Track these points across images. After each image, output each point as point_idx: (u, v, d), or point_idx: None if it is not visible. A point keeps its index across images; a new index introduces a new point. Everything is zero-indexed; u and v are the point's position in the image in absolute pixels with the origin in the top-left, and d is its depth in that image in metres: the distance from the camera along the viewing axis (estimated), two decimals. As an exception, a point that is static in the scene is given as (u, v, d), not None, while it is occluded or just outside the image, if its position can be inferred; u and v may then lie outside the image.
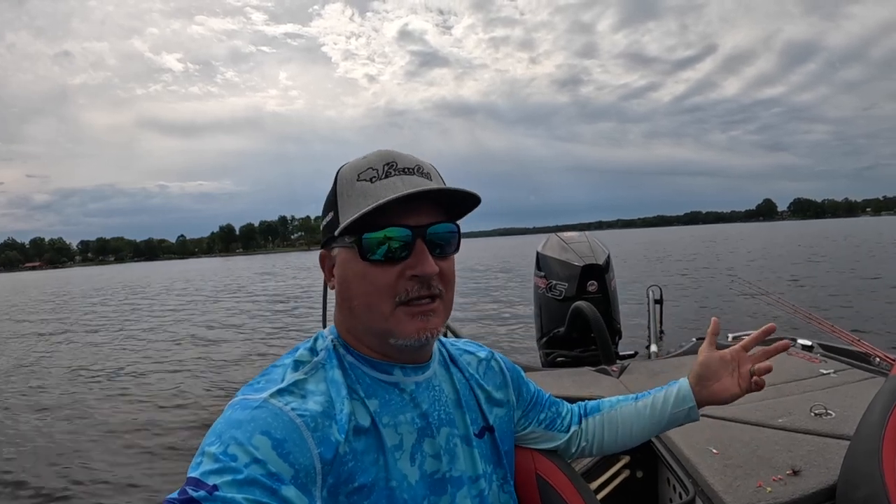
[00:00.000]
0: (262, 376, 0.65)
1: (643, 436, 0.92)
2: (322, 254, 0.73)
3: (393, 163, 0.67)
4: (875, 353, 2.17)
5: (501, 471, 0.79)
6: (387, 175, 0.66)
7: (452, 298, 0.71)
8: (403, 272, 0.65)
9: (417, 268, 0.64)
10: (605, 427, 0.93)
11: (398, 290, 0.65)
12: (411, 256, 0.65)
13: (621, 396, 0.96)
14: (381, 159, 0.67)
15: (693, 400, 0.89)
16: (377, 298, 0.65)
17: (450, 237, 0.69)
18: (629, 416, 0.92)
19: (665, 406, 0.90)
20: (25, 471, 4.09)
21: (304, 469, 0.56)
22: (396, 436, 0.66)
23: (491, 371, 0.86)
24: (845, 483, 1.10)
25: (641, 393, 0.95)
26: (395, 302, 0.65)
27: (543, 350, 3.36)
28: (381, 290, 0.65)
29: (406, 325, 0.65)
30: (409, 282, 0.65)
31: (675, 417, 0.90)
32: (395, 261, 0.65)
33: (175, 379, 6.93)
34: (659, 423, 0.91)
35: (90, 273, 79.90)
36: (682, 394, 0.89)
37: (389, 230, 0.64)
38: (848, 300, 9.70)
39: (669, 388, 0.91)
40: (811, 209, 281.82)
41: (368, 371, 0.68)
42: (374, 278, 0.65)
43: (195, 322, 12.98)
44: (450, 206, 0.70)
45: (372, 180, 0.66)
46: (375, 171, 0.66)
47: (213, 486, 0.50)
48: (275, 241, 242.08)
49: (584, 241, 3.34)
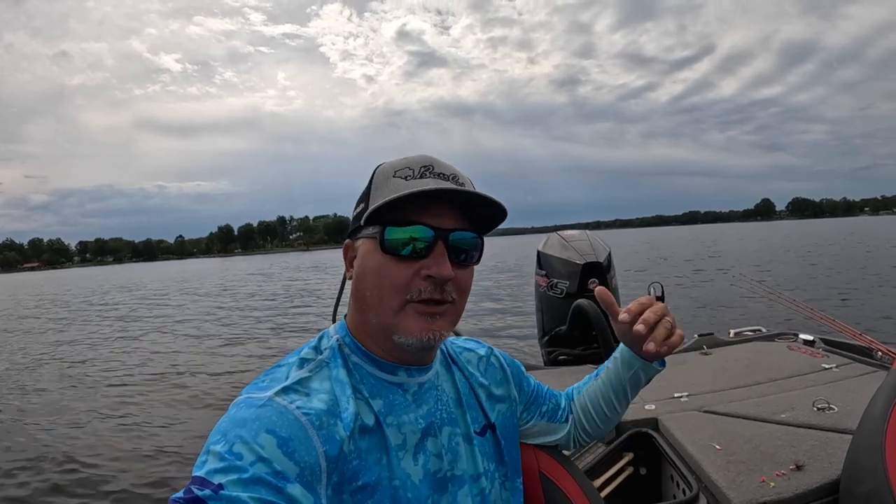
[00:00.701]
0: (267, 375, 0.65)
1: (615, 410, 0.90)
2: (347, 244, 0.73)
3: (430, 166, 0.69)
4: (877, 347, 2.17)
5: (503, 468, 0.79)
6: (422, 176, 0.67)
7: (463, 308, 0.71)
8: (419, 271, 0.65)
9: (433, 269, 0.65)
10: (580, 412, 0.93)
11: (411, 288, 0.65)
12: (430, 257, 0.65)
13: (586, 377, 0.96)
14: (420, 161, 0.69)
15: (638, 359, 0.84)
16: (389, 292, 0.66)
17: (472, 246, 0.69)
18: (595, 394, 0.91)
19: (618, 374, 0.87)
20: (25, 471, 4.09)
21: (310, 467, 0.56)
22: (400, 435, 0.66)
23: (491, 367, 0.87)
24: (849, 477, 1.10)
25: (601, 366, 0.93)
26: (405, 299, 0.65)
27: (545, 348, 3.36)
28: (395, 285, 0.65)
29: (412, 323, 0.66)
30: (423, 281, 0.65)
31: (634, 381, 0.87)
32: (413, 258, 0.65)
33: (178, 378, 6.94)
34: (623, 392, 0.88)
35: (88, 274, 79.75)
36: (624, 358, 0.86)
37: (414, 227, 0.65)
38: (849, 295, 9.70)
39: (615, 357, 0.89)
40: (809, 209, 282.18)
41: (373, 371, 0.69)
42: (389, 272, 0.65)
43: (194, 322, 12.98)
44: (479, 220, 0.71)
45: (406, 178, 0.67)
46: (411, 171, 0.68)
47: (219, 484, 0.50)
48: (273, 241, 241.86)
49: (585, 239, 3.35)
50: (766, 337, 2.63)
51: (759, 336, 2.66)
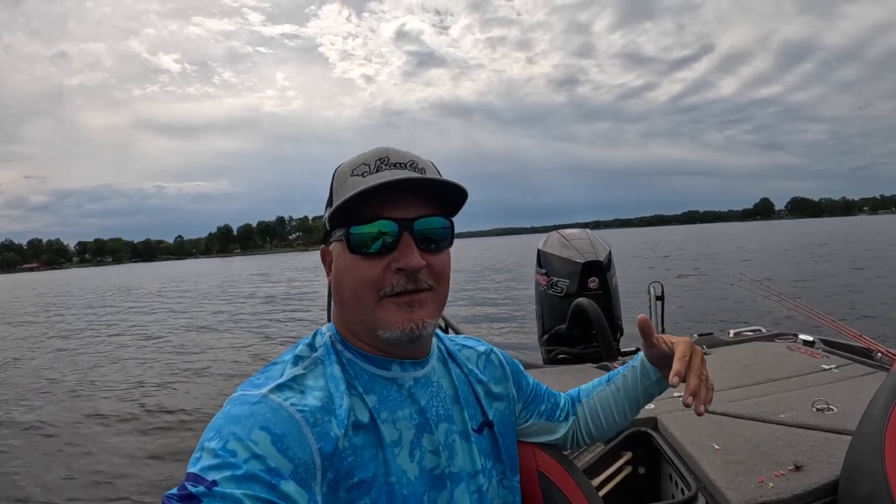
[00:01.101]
0: (262, 373, 0.65)
1: (626, 416, 0.92)
2: (323, 249, 0.73)
3: (385, 158, 0.68)
4: (877, 348, 2.16)
5: (501, 466, 0.79)
6: (378, 170, 0.67)
7: (446, 293, 0.71)
8: (389, 265, 0.65)
9: (402, 261, 0.64)
10: (588, 415, 0.93)
11: (384, 284, 0.65)
12: (398, 249, 0.65)
13: (596, 380, 0.96)
14: (375, 155, 0.68)
15: (656, 372, 0.87)
16: (364, 291, 0.65)
17: (441, 231, 0.68)
18: (606, 399, 0.92)
19: (635, 384, 0.89)
20: (22, 469, 4.10)
21: (304, 464, 0.56)
22: (395, 431, 0.66)
23: (490, 365, 0.86)
24: (848, 478, 1.10)
25: (612, 372, 0.94)
26: (380, 295, 0.65)
27: (545, 347, 3.36)
28: (368, 283, 0.65)
29: (392, 316, 0.65)
30: (394, 275, 0.65)
31: (650, 391, 0.89)
32: (381, 254, 0.65)
33: (172, 376, 6.95)
34: (636, 401, 0.90)
35: (87, 274, 79.57)
36: (644, 368, 0.88)
37: (376, 223, 0.64)
38: (849, 296, 9.69)
39: (634, 367, 0.90)
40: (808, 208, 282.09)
41: (366, 366, 0.68)
42: (361, 271, 0.65)
43: (194, 321, 12.99)
44: (444, 202, 0.69)
45: (363, 175, 0.67)
46: (367, 167, 0.67)
47: (213, 481, 0.50)
48: (272, 241, 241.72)
49: (585, 238, 3.34)
50: (765, 337, 2.62)
51: (759, 336, 2.66)
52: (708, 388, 0.74)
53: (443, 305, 0.71)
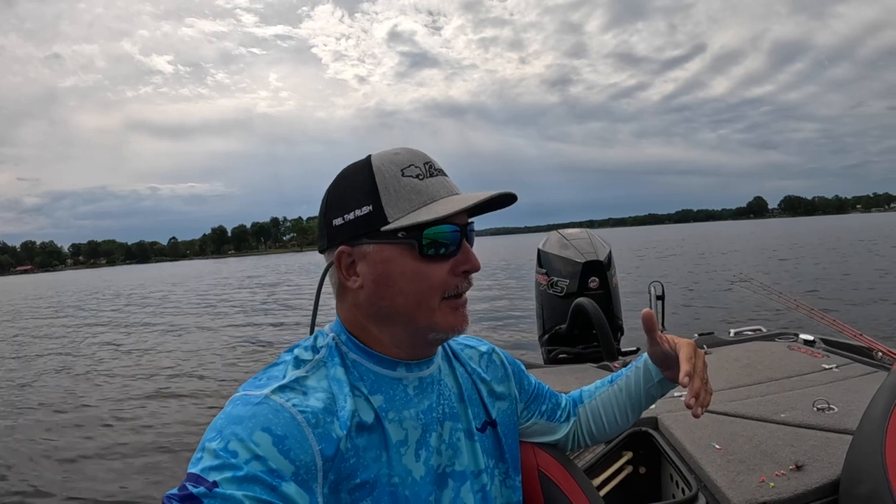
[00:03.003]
0: (264, 373, 0.65)
1: (628, 418, 0.92)
2: (342, 251, 0.67)
3: (430, 163, 0.69)
4: (877, 347, 2.16)
5: (504, 465, 0.79)
6: (430, 174, 0.68)
7: None
8: (454, 268, 0.68)
9: (467, 263, 0.68)
10: (590, 416, 0.93)
11: (448, 286, 0.67)
12: (459, 253, 0.68)
13: (598, 382, 0.96)
14: (418, 158, 0.69)
15: (658, 373, 0.87)
16: (430, 294, 0.67)
17: (473, 235, 0.73)
18: (608, 400, 0.92)
19: (637, 385, 0.89)
20: (20, 471, 4.10)
21: (305, 466, 0.55)
22: (401, 431, 0.66)
23: (493, 365, 0.86)
24: (849, 478, 1.10)
25: (615, 373, 0.95)
26: (442, 297, 0.67)
27: (545, 347, 3.36)
28: (434, 286, 0.66)
29: (450, 318, 0.68)
30: (457, 277, 0.68)
31: (651, 393, 0.89)
32: (446, 257, 0.67)
33: (174, 377, 6.95)
34: (638, 402, 0.90)
35: (80, 277, 79.15)
36: (647, 369, 0.89)
37: (446, 227, 0.66)
38: (848, 295, 9.69)
39: (637, 367, 0.91)
40: (801, 206, 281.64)
41: (372, 367, 0.68)
42: (428, 275, 0.66)
43: (193, 320, 12.99)
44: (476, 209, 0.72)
45: (419, 177, 0.67)
46: (419, 169, 0.67)
47: (213, 482, 0.50)
48: (267, 242, 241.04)
49: (586, 237, 3.34)
50: (766, 336, 2.62)
51: (759, 336, 2.66)
52: (707, 392, 0.76)
53: None
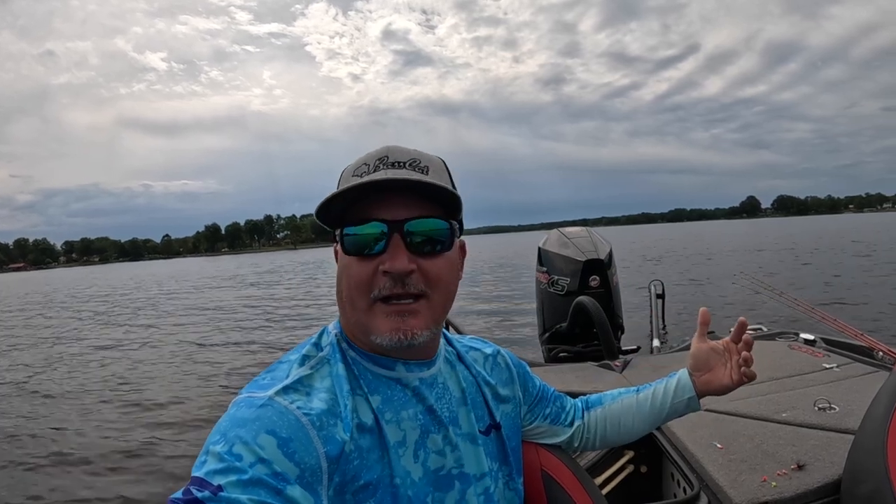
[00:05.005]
0: (268, 373, 0.65)
1: (645, 428, 0.93)
2: (335, 248, 0.72)
3: (385, 157, 0.66)
4: (878, 347, 2.16)
5: (507, 468, 0.79)
6: (376, 169, 0.66)
7: (442, 301, 0.67)
8: (378, 267, 0.64)
9: (388, 263, 0.63)
10: (607, 420, 0.93)
11: (373, 286, 0.64)
12: (387, 251, 0.63)
13: (622, 389, 0.97)
14: (376, 154, 0.67)
15: (693, 389, 0.89)
16: (356, 293, 0.65)
17: (436, 233, 0.65)
18: (630, 408, 0.93)
19: (665, 397, 0.90)
20: (21, 471, 4.10)
21: (310, 468, 0.55)
22: (399, 432, 0.65)
23: (498, 367, 0.86)
24: (850, 478, 1.10)
25: (642, 385, 0.95)
26: (371, 298, 0.64)
27: (546, 345, 3.36)
28: (359, 285, 0.64)
29: (381, 322, 0.64)
30: (382, 277, 0.63)
31: (676, 408, 0.91)
32: (374, 255, 0.64)
33: (175, 376, 6.95)
34: (660, 415, 0.91)
35: (73, 274, 78.81)
36: (682, 384, 0.90)
37: (367, 224, 0.63)
38: (849, 294, 9.69)
39: (670, 379, 0.92)
40: (794, 206, 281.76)
41: (370, 366, 0.68)
42: (353, 272, 0.65)
43: (192, 321, 12.99)
44: (448, 203, 0.67)
45: (362, 175, 0.65)
46: (367, 167, 0.66)
47: (218, 486, 0.49)
48: (261, 240, 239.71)
49: (586, 235, 3.34)
50: (766, 336, 2.62)
51: (760, 335, 2.66)
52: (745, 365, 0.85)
53: (440, 313, 0.68)
